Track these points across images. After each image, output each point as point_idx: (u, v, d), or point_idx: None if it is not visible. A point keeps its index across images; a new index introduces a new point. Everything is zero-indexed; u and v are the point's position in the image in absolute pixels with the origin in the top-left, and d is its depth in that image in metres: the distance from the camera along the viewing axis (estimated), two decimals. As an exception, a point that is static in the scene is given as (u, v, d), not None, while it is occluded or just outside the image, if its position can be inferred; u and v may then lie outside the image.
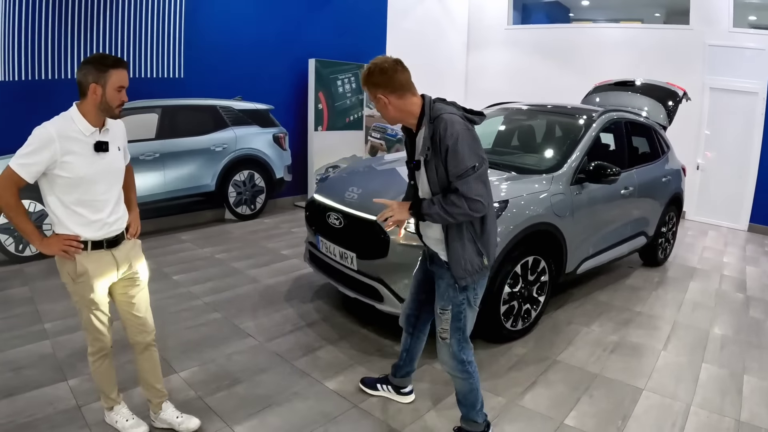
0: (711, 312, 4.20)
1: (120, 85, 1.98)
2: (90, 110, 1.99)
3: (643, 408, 2.79)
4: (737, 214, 7.23)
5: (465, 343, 2.23)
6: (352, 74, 7.18)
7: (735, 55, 6.89)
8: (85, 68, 1.96)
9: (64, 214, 2.03)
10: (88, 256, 2.07)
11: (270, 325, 3.54)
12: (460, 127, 1.95)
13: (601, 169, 3.64)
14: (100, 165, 2.04)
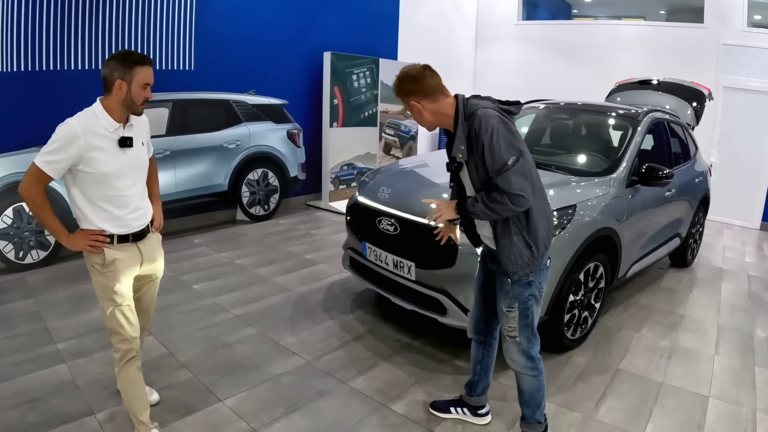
0: (749, 314, 4.33)
1: (145, 83, 2.04)
2: (114, 106, 2.04)
3: (714, 416, 2.85)
4: (750, 212, 7.47)
5: (534, 338, 2.26)
6: (367, 68, 7.12)
7: (749, 55, 7.09)
8: (111, 64, 2.00)
9: (89, 209, 2.08)
10: (114, 248, 2.14)
11: (314, 340, 3.42)
12: (494, 121, 1.96)
13: (653, 171, 3.69)
14: (124, 160, 2.10)
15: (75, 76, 4.87)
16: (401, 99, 2.12)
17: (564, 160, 4.06)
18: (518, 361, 2.27)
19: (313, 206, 7.14)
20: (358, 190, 3.78)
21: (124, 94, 2.01)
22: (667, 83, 5.57)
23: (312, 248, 5.32)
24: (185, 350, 3.18)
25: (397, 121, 7.90)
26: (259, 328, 3.53)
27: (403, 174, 3.92)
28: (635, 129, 4.01)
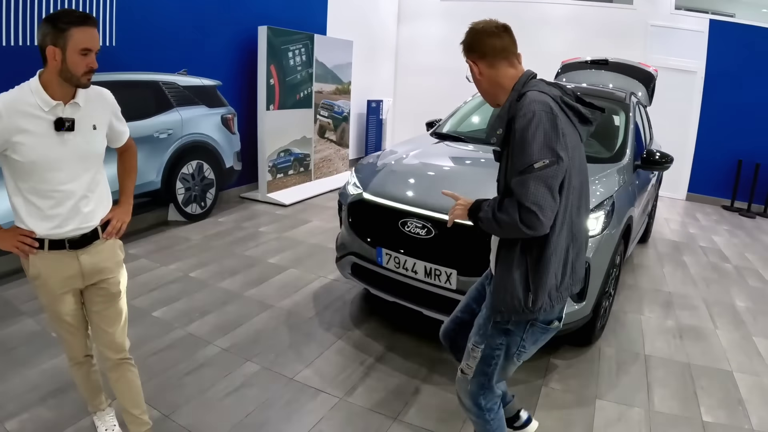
0: (721, 285, 4.79)
1: (84, 47, 1.72)
2: (51, 79, 1.75)
3: (746, 390, 3.10)
4: (677, 185, 8.30)
5: (488, 390, 1.94)
6: (303, 45, 6.67)
7: (676, 36, 7.80)
8: (43, 28, 1.71)
9: (20, 203, 1.82)
10: (44, 256, 1.86)
11: (333, 370, 3.01)
12: (539, 108, 1.60)
13: (653, 155, 3.87)
14: (62, 147, 1.79)
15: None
16: (464, 55, 1.89)
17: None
18: (464, 401, 2.00)
19: (248, 199, 6.61)
20: (361, 185, 3.42)
21: (59, 63, 1.71)
22: (616, 63, 5.89)
23: (271, 250, 4.90)
24: (183, 410, 2.59)
25: (331, 101, 7.57)
26: (261, 363, 3.04)
27: (424, 166, 3.62)
28: (627, 113, 4.17)
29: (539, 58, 8.58)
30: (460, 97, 8.88)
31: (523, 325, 1.79)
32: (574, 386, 3.01)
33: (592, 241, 2.88)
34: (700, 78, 7.85)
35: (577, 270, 1.82)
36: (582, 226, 1.80)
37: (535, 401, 2.84)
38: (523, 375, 3.05)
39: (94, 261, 1.95)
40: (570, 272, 1.78)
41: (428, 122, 4.89)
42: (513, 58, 1.82)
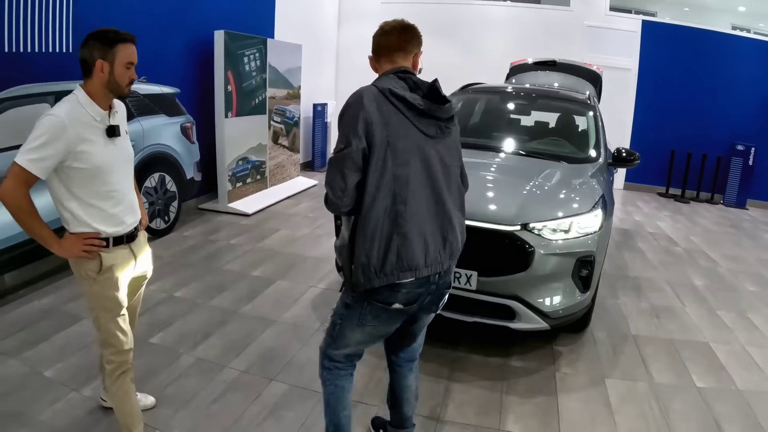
0: (678, 267, 5.42)
1: (129, 61, 2.01)
2: (97, 91, 1.99)
3: (724, 357, 3.63)
4: (615, 175, 9.01)
5: (331, 351, 2.14)
6: (257, 49, 6.66)
7: (610, 35, 8.54)
8: (89, 44, 1.96)
9: (81, 209, 2.01)
10: (111, 252, 2.09)
11: (361, 379, 3.02)
12: (351, 99, 1.85)
13: (622, 153, 4.32)
14: (114, 152, 2.05)
15: None
16: None
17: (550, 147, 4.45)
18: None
19: (208, 210, 6.52)
20: None
21: (107, 75, 1.96)
22: (564, 64, 6.42)
23: (251, 262, 4.91)
24: None
25: (283, 107, 7.61)
26: (287, 381, 3.06)
27: None
28: (595, 113, 4.62)
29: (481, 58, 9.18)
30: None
31: (361, 301, 1.95)
32: (582, 369, 3.37)
33: (594, 236, 3.23)
34: (634, 75, 8.70)
35: (403, 257, 1.84)
36: (417, 217, 1.85)
37: (554, 386, 3.15)
38: (535, 364, 3.38)
39: (139, 249, 2.25)
40: (395, 259, 1.83)
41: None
42: (395, 55, 2.02)
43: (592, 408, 2.97)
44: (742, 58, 8.76)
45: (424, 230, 1.87)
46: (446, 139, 1.96)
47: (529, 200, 3.27)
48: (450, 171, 1.97)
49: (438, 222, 1.91)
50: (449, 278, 2.09)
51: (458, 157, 2.04)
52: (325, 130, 9.26)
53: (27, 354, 3.14)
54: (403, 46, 2.02)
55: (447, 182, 1.95)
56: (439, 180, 1.91)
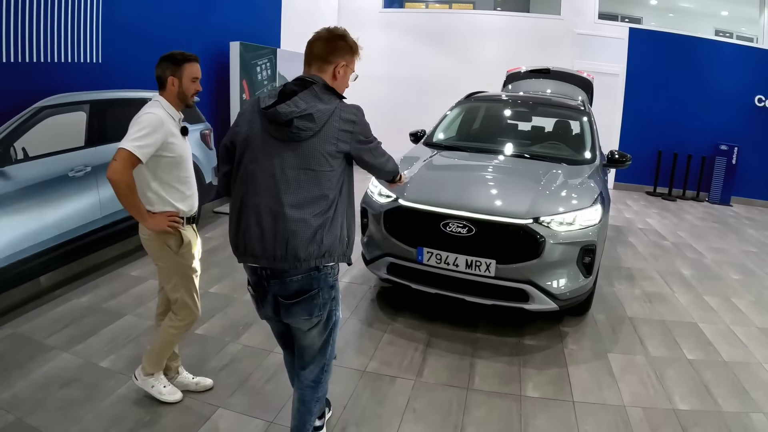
0: (666, 259, 5.98)
1: (194, 77, 2.62)
2: (172, 100, 2.60)
3: (711, 335, 4.17)
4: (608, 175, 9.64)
5: None
6: (267, 59, 7.14)
7: (599, 43, 9.14)
8: (162, 64, 2.58)
9: (165, 192, 2.56)
10: (186, 229, 2.68)
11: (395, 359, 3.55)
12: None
13: (614, 155, 4.86)
14: (186, 147, 2.66)
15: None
16: None
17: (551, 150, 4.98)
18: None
19: (223, 213, 6.93)
20: (395, 193, 3.94)
21: (177, 88, 2.56)
22: (558, 72, 6.95)
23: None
24: (283, 414, 2.88)
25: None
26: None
27: (452, 173, 4.42)
28: (589, 118, 5.17)
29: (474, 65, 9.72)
30: (400, 105, 9.76)
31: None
32: (587, 346, 3.89)
33: (595, 228, 3.76)
34: (622, 80, 9.34)
35: (245, 243, 2.05)
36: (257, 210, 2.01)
37: (564, 360, 3.67)
38: (546, 342, 3.89)
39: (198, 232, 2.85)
40: (241, 243, 2.07)
41: (412, 133, 5.54)
42: (311, 63, 2.15)
43: (599, 377, 3.48)
44: (724, 62, 9.45)
45: (263, 224, 2.00)
46: (302, 144, 1.98)
47: (539, 197, 3.79)
48: (300, 174, 1.98)
49: (274, 219, 1.99)
50: (286, 286, 2.07)
51: (317, 162, 1.99)
52: (327, 134, 9.71)
53: (77, 348, 3.45)
54: (318, 56, 2.12)
55: (292, 184, 1.98)
56: (281, 181, 1.98)
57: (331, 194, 2.03)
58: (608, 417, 3.06)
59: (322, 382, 2.34)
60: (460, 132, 5.58)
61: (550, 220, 3.63)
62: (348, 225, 2.17)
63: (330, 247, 2.05)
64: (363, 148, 2.12)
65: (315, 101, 2.00)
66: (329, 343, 2.29)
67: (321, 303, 2.12)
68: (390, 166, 2.34)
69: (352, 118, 2.06)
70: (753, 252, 6.61)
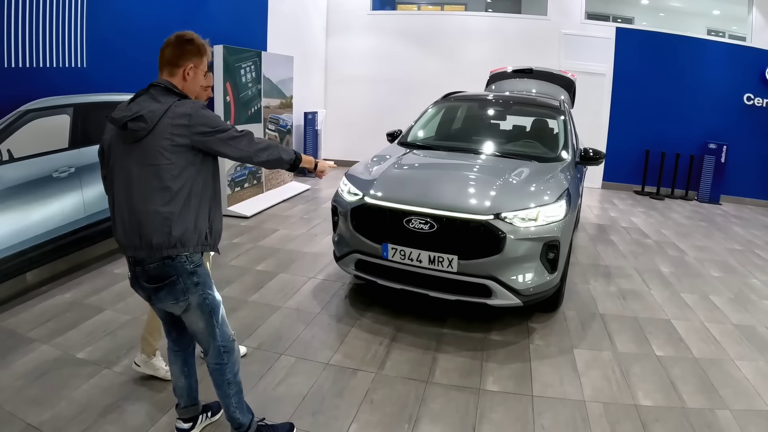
0: (646, 257, 5.93)
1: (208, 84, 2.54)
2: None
3: (684, 332, 4.12)
4: (593, 175, 9.62)
5: None
6: (252, 62, 7.16)
7: (586, 43, 9.13)
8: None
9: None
10: None
11: (359, 352, 3.63)
12: None
13: (588, 153, 4.84)
14: None
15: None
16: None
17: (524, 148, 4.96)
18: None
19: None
20: (360, 191, 4.03)
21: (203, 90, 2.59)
22: (540, 71, 6.95)
23: (254, 259, 5.37)
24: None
25: (277, 115, 8.10)
26: (295, 354, 3.51)
27: (417, 171, 4.42)
28: (565, 117, 5.15)
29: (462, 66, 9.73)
30: (389, 106, 9.80)
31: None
32: (553, 341, 3.85)
33: (559, 223, 3.74)
34: (609, 79, 9.31)
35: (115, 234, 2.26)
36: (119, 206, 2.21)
37: (528, 355, 3.64)
38: (512, 337, 3.87)
39: None
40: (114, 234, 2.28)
41: (389, 133, 5.56)
42: (162, 68, 2.29)
43: (561, 372, 3.45)
44: (713, 60, 9.38)
45: (123, 217, 2.19)
46: (141, 142, 2.11)
47: (502, 193, 3.78)
48: (143, 169, 2.12)
49: (132, 212, 2.16)
50: (147, 273, 2.22)
51: (154, 157, 2.10)
52: (316, 137, 9.75)
53: (58, 340, 3.55)
54: (168, 61, 2.26)
55: (138, 179, 2.14)
56: (131, 177, 2.15)
57: (174, 186, 2.12)
58: (566, 411, 3.03)
59: (225, 364, 2.44)
60: (435, 131, 5.57)
61: (513, 216, 3.61)
62: (208, 216, 2.27)
63: (181, 237, 2.16)
64: (208, 139, 2.16)
65: (149, 102, 2.13)
66: (214, 326, 2.38)
67: (183, 288, 2.23)
68: (271, 155, 2.38)
69: (187, 112, 2.13)
70: (737, 250, 6.54)
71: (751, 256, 6.29)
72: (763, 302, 4.84)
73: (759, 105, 9.33)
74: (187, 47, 2.27)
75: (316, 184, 9.09)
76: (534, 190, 3.91)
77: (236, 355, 2.50)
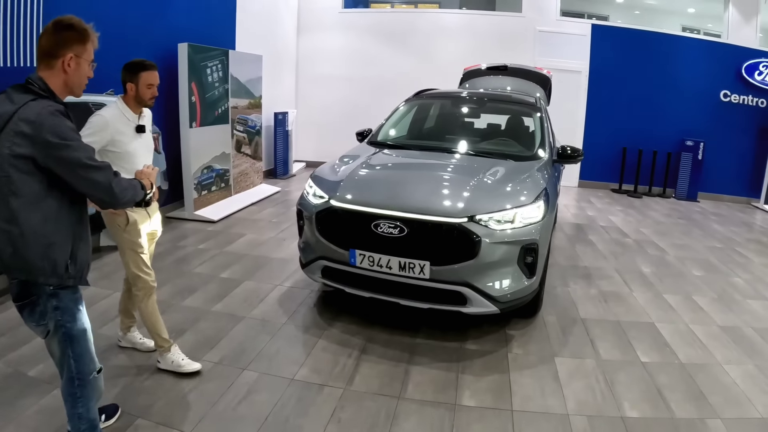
0: (627, 256, 5.76)
1: (150, 83, 2.90)
2: (130, 102, 2.92)
3: (668, 335, 3.93)
4: (570, 173, 9.48)
5: None
6: (219, 61, 6.83)
7: (561, 40, 8.97)
8: (123, 72, 2.90)
9: None
10: (133, 210, 2.92)
11: (327, 366, 3.34)
12: None
13: (566, 151, 4.63)
14: (140, 143, 2.96)
15: None
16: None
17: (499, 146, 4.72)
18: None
19: (175, 218, 6.63)
20: (326, 194, 3.75)
21: (134, 93, 2.89)
22: (515, 68, 6.75)
23: (219, 265, 5.05)
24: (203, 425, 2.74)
25: (245, 116, 7.78)
26: (258, 369, 3.23)
27: (386, 172, 4.17)
28: (541, 114, 4.94)
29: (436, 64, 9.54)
30: (362, 106, 9.55)
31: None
32: (533, 350, 3.62)
33: (537, 225, 3.51)
34: (585, 77, 9.17)
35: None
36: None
37: (507, 365, 3.40)
38: (489, 346, 3.63)
39: (152, 214, 3.13)
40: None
41: (358, 132, 5.30)
42: (40, 60, 1.93)
43: (542, 383, 3.21)
44: (689, 57, 9.31)
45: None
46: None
47: (476, 195, 3.53)
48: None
49: None
50: (12, 288, 2.01)
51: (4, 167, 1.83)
52: (287, 137, 9.44)
53: (10, 356, 3.27)
54: (45, 51, 1.91)
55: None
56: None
57: (14, 203, 1.83)
58: (549, 427, 2.80)
59: (78, 398, 2.15)
60: (406, 130, 5.32)
61: (488, 219, 3.36)
62: (70, 244, 1.98)
63: (30, 262, 1.90)
64: (51, 153, 1.81)
65: (3, 104, 1.83)
66: (68, 356, 2.09)
67: (41, 311, 2.00)
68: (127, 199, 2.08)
69: (31, 118, 1.78)
70: (718, 248, 6.42)
71: (732, 254, 6.16)
72: (747, 302, 4.69)
73: (736, 102, 9.29)
74: (65, 34, 1.92)
75: (286, 186, 8.79)
76: (510, 191, 3.68)
77: (95, 391, 2.21)
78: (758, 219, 8.43)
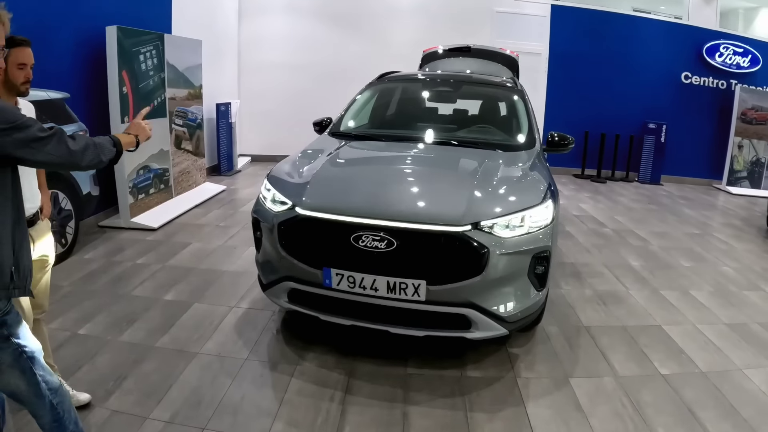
0: (611, 249, 5.40)
1: (21, 62, 2.20)
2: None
3: (679, 338, 3.57)
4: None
5: None
6: (153, 46, 5.96)
7: (520, 21, 8.53)
8: None
9: None
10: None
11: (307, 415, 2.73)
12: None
13: (556, 138, 4.16)
14: None
15: None
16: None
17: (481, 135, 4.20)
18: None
19: (109, 227, 5.76)
20: (289, 199, 3.09)
21: (2, 75, 2.15)
22: (480, 50, 6.26)
23: (162, 285, 4.28)
24: None
25: (184, 108, 6.94)
26: (221, 428, 2.57)
27: (363, 170, 3.53)
28: (523, 96, 4.43)
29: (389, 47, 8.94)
30: (312, 95, 8.86)
31: None
32: (543, 371, 3.12)
33: (547, 229, 2.96)
34: (545, 59, 8.80)
35: None
36: None
37: (518, 394, 2.88)
38: (494, 371, 3.10)
39: (38, 235, 2.43)
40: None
41: (316, 122, 4.63)
42: None
43: (564, 414, 2.72)
44: (650, 38, 9.12)
45: None
46: None
47: (477, 196, 2.96)
48: None
49: None
50: None
51: None
52: (230, 130, 8.63)
53: None
54: None
55: None
56: None
57: None
58: (586, 474, 2.31)
59: (62, 417, 1.99)
60: (373, 118, 4.69)
61: (493, 225, 2.80)
62: (11, 247, 1.76)
63: None
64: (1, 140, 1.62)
65: None
66: (38, 382, 1.89)
67: None
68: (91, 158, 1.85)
69: None
70: (697, 234, 6.18)
71: (713, 240, 5.94)
72: (744, 294, 4.41)
73: (696, 83, 9.20)
74: None
75: (231, 184, 8.00)
76: (513, 189, 3.13)
77: (68, 399, 2.04)
78: (722, 201, 8.37)
